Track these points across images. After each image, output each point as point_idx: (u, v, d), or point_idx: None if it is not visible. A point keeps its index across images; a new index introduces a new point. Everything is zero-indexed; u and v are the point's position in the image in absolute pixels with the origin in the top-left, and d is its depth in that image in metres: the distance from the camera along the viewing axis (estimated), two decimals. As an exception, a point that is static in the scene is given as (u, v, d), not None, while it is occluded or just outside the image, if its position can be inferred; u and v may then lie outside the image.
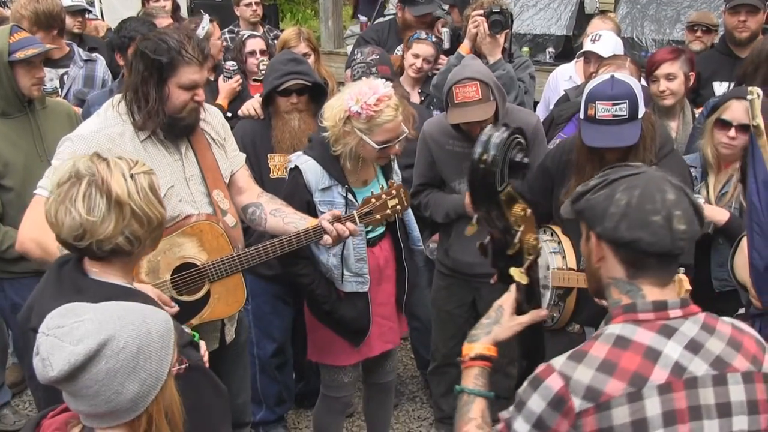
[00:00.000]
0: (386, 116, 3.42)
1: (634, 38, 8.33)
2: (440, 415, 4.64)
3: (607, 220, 1.94)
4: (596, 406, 1.83)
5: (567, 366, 1.89)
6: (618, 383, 1.84)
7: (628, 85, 3.29)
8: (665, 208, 1.91)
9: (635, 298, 1.96)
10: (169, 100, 3.11)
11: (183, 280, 3.17)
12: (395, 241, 3.81)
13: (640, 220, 1.91)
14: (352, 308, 3.71)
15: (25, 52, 3.81)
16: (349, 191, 3.61)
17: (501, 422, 1.99)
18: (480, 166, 2.07)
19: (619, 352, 1.87)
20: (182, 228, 3.15)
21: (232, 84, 5.09)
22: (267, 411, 4.58)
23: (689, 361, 1.88)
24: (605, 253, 2.00)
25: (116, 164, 2.31)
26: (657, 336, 1.89)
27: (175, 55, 3.04)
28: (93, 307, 1.85)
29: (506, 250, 2.18)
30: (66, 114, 4.14)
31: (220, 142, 3.41)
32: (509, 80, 4.64)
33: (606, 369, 1.86)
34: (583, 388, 1.84)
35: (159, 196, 2.39)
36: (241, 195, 3.48)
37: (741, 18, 5.07)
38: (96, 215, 2.24)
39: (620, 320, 1.94)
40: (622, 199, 1.94)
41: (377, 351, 3.85)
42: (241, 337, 3.67)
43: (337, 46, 9.92)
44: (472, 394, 2.14)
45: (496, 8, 4.76)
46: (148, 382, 1.82)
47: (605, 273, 2.03)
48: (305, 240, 3.33)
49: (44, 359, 1.76)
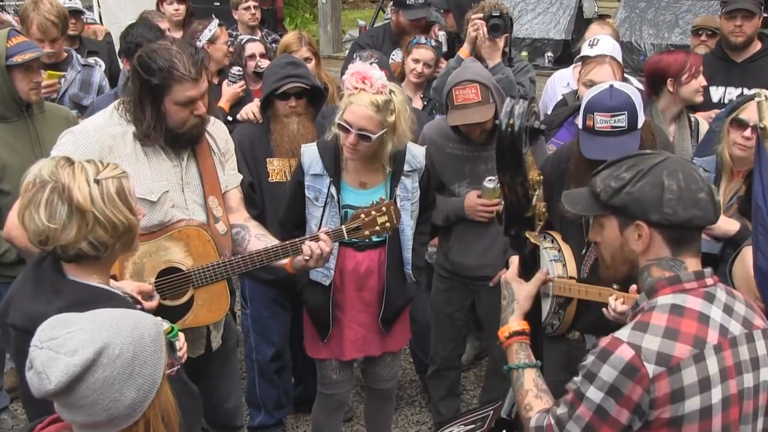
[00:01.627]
0: (359, 99, 3.40)
1: (633, 42, 8.35)
2: (439, 419, 4.62)
3: (666, 206, 2.08)
4: (668, 370, 1.96)
5: (634, 336, 2.01)
6: (684, 347, 1.98)
7: (627, 95, 3.26)
8: (705, 185, 2.11)
9: (678, 270, 2.12)
10: (168, 117, 3.10)
11: (167, 284, 3.16)
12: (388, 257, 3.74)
13: (692, 199, 2.08)
14: (314, 297, 3.73)
15: (22, 56, 3.80)
16: (334, 185, 3.59)
17: (569, 393, 2.10)
18: (508, 132, 2.26)
19: (678, 319, 2.03)
20: (170, 232, 3.15)
21: (236, 89, 5.10)
22: (266, 415, 4.58)
23: (728, 323, 2.07)
24: (653, 238, 2.13)
25: (82, 169, 2.29)
26: (704, 302, 2.07)
27: (166, 74, 3.01)
28: (83, 316, 1.84)
29: (524, 213, 2.40)
30: (64, 118, 4.14)
31: (220, 157, 3.41)
32: (508, 84, 4.64)
33: (671, 335, 2.00)
34: (654, 355, 1.97)
35: (128, 202, 2.36)
36: (230, 214, 3.45)
37: (737, 23, 5.08)
38: (57, 222, 2.25)
39: (668, 291, 2.09)
40: (673, 184, 2.09)
41: (348, 356, 3.82)
42: (229, 342, 3.66)
43: (336, 51, 9.96)
44: (519, 368, 2.32)
45: (495, 12, 4.75)
46: (144, 387, 1.81)
47: (647, 257, 2.16)
48: (291, 251, 3.33)
49: (40, 373, 1.74)
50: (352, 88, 3.43)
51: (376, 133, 3.41)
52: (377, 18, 9.92)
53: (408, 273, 3.79)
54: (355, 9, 18.71)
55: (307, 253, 3.29)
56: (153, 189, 3.12)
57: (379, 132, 3.41)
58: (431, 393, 4.71)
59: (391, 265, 3.71)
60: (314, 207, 3.65)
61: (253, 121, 4.24)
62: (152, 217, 3.12)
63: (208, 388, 3.59)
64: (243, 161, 3.97)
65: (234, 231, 3.44)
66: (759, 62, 5.11)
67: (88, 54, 5.92)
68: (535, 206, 2.41)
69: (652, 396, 1.96)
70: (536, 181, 2.39)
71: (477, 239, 4.08)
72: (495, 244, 3.96)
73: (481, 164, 3.99)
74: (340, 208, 3.61)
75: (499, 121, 2.29)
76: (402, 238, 3.69)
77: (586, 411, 2.03)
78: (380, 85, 3.41)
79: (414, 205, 3.71)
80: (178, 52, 3.05)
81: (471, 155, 4.03)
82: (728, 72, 5.09)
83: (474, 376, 5.38)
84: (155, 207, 3.12)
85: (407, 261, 3.76)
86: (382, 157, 3.56)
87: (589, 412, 2.03)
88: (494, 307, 3.98)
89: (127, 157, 3.09)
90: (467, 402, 5.03)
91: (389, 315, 3.79)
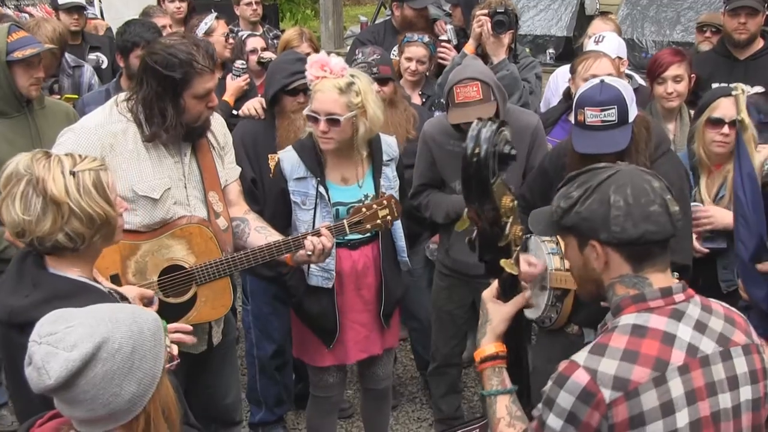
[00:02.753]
0: (322, 86, 3.44)
1: (635, 39, 8.33)
2: (440, 416, 4.62)
3: (613, 224, 2.00)
4: (626, 395, 1.89)
5: (590, 360, 1.94)
6: (643, 370, 1.90)
7: (617, 89, 3.27)
8: (658, 196, 2.02)
9: (642, 288, 2.03)
10: (186, 112, 3.09)
11: (170, 281, 3.16)
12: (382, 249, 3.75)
13: (642, 214, 1.99)
14: (317, 303, 3.69)
15: (23, 51, 3.79)
16: (321, 184, 3.58)
17: (534, 420, 2.04)
18: (473, 160, 2.12)
19: (639, 341, 1.94)
20: (172, 230, 3.14)
21: (240, 82, 5.09)
22: (266, 412, 4.58)
23: (699, 341, 1.97)
24: (609, 256, 2.05)
25: (58, 162, 2.29)
26: (669, 320, 1.98)
27: (188, 68, 3.01)
28: (82, 311, 1.84)
29: (497, 242, 2.23)
30: (65, 114, 4.12)
31: (219, 151, 3.41)
32: (513, 81, 4.62)
33: (629, 358, 1.91)
34: (610, 380, 1.90)
35: (105, 194, 2.35)
36: (229, 208, 3.45)
37: (741, 20, 5.06)
38: (31, 215, 2.26)
39: (632, 310, 2.01)
40: (619, 200, 2.01)
41: (352, 359, 3.82)
42: (228, 337, 3.66)
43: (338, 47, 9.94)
44: (492, 395, 2.21)
45: (500, 8, 4.72)
46: (144, 381, 1.82)
47: (609, 275, 2.08)
48: (294, 247, 3.32)
49: (39, 368, 1.74)
50: (314, 78, 3.48)
51: (343, 115, 3.43)
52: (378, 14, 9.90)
53: (404, 260, 3.81)
54: (356, 5, 18.69)
55: (309, 248, 3.29)
56: (155, 186, 3.11)
57: (346, 114, 3.43)
58: (432, 390, 4.70)
59: (386, 257, 3.72)
60: (302, 211, 3.63)
61: (255, 117, 4.23)
62: (155, 214, 3.11)
63: (208, 383, 3.60)
64: (245, 157, 3.98)
65: (234, 224, 3.44)
66: (761, 60, 5.10)
67: (91, 49, 5.91)
68: (509, 234, 2.22)
69: (611, 422, 1.89)
70: (509, 208, 2.19)
71: (469, 233, 4.07)
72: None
73: (481, 162, 3.97)
74: (332, 208, 3.61)
75: (464, 146, 2.14)
76: (392, 228, 3.69)
77: None
78: (339, 69, 3.45)
79: (396, 193, 3.73)
80: (194, 45, 3.06)
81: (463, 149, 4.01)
82: (730, 69, 5.07)
83: (475, 373, 5.37)
84: (158, 204, 3.11)
85: (401, 249, 3.79)
86: (358, 144, 3.56)
87: None
88: (495, 304, 4.01)
89: (129, 155, 3.08)
90: (468, 399, 5.03)
91: (390, 309, 3.79)
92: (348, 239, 3.59)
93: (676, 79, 4.28)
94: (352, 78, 3.47)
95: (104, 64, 6.13)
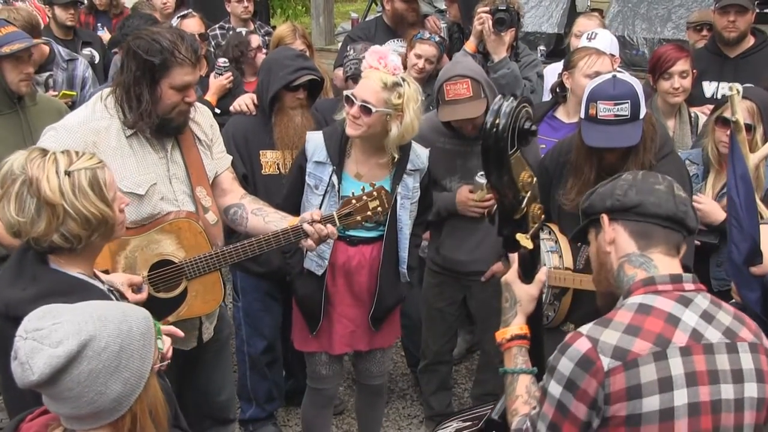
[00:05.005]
0: (370, 75, 3.43)
1: (626, 37, 8.34)
2: (430, 413, 4.63)
3: (618, 190, 2.15)
4: (624, 365, 1.93)
5: (594, 330, 2.00)
6: (644, 343, 1.95)
7: (630, 85, 3.28)
8: (666, 180, 2.17)
9: (651, 270, 2.10)
10: (160, 101, 3.08)
11: (160, 277, 3.15)
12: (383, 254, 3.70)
13: (646, 187, 2.13)
14: (306, 287, 3.69)
15: (11, 46, 3.76)
16: (336, 174, 3.56)
17: (539, 390, 2.11)
18: (492, 132, 2.23)
19: (643, 317, 1.99)
20: (160, 225, 3.13)
21: (223, 81, 5.07)
22: (257, 408, 4.57)
23: (705, 329, 2.01)
24: (616, 232, 2.15)
25: (53, 161, 2.26)
26: (676, 304, 2.02)
27: (168, 56, 3.00)
28: (71, 307, 1.83)
29: (513, 215, 2.34)
30: (57, 110, 4.10)
31: (206, 142, 3.39)
32: (514, 79, 4.61)
33: (632, 331, 1.97)
34: (610, 348, 1.94)
35: (102, 193, 2.32)
36: (224, 197, 3.45)
37: (730, 18, 5.07)
38: (26, 216, 2.24)
39: (641, 292, 2.07)
40: (628, 177, 2.19)
41: (337, 350, 3.81)
42: (222, 334, 3.65)
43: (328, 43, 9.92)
44: (514, 374, 2.28)
45: (502, 6, 4.69)
46: (131, 381, 1.81)
47: (617, 255, 2.16)
48: (284, 240, 3.29)
49: (23, 363, 1.74)
50: (368, 66, 3.46)
51: (378, 108, 3.39)
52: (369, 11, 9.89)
53: (403, 272, 3.76)
54: (347, 1, 18.66)
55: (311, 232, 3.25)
56: (140, 182, 3.10)
57: (381, 108, 3.40)
58: (422, 387, 4.71)
59: (386, 263, 3.68)
60: (313, 195, 3.61)
61: (247, 113, 4.22)
62: (141, 210, 3.10)
63: (201, 380, 3.59)
64: (237, 153, 3.96)
65: (231, 211, 3.44)
66: (751, 57, 5.11)
67: (83, 45, 5.89)
68: (526, 208, 2.34)
69: (607, 390, 1.93)
70: (527, 182, 2.32)
71: (469, 234, 4.08)
72: (487, 239, 3.95)
73: (472, 159, 3.97)
74: (339, 198, 3.57)
75: (485, 120, 2.26)
76: (399, 236, 3.67)
77: (549, 407, 2.02)
78: (393, 67, 3.43)
79: (413, 204, 3.69)
80: (178, 36, 3.07)
81: (462, 150, 4.02)
82: (721, 67, 5.09)
83: (465, 370, 5.39)
84: (143, 200, 3.10)
85: (403, 260, 3.73)
86: (385, 144, 3.52)
87: (551, 408, 2.01)
88: (486, 301, 4.03)
89: (113, 151, 3.06)
90: (458, 396, 5.04)
91: (380, 314, 3.77)
92: (348, 234, 3.58)
93: (682, 74, 4.29)
94: (401, 80, 3.45)
95: (96, 59, 6.12)
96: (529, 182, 2.33)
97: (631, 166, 3.26)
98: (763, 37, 5.23)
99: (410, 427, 4.81)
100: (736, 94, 3.04)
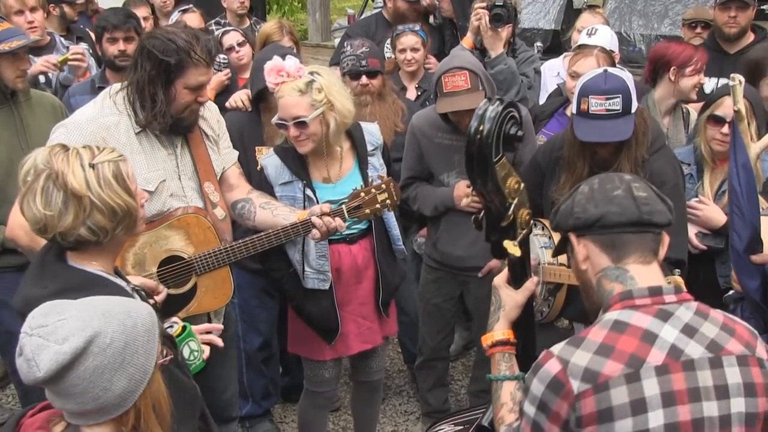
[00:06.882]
0: (283, 91, 3.41)
1: (623, 33, 8.36)
2: (427, 409, 4.63)
3: (576, 207, 2.08)
4: (594, 387, 1.88)
5: (565, 351, 1.95)
6: (615, 365, 1.89)
7: (622, 79, 3.27)
8: (623, 183, 2.08)
9: (627, 283, 2.03)
10: (174, 101, 3.07)
11: (169, 272, 3.14)
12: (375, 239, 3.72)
13: (604, 197, 2.05)
14: (317, 306, 3.66)
15: (9, 44, 3.73)
16: (308, 187, 3.55)
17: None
18: (476, 138, 2.17)
19: (617, 336, 1.93)
20: (169, 221, 3.12)
21: (221, 77, 5.05)
22: (253, 405, 4.56)
23: (685, 345, 1.93)
24: (588, 248, 2.09)
25: (76, 155, 2.27)
26: (654, 320, 1.95)
27: (184, 56, 3.00)
28: (75, 303, 1.82)
29: (500, 222, 2.28)
30: (51, 106, 4.07)
31: (213, 138, 3.39)
32: (511, 75, 4.60)
33: (603, 352, 1.91)
34: (580, 371, 1.90)
35: (126, 185, 2.34)
36: (231, 192, 3.45)
37: (731, 14, 5.07)
38: (53, 209, 2.24)
39: (618, 307, 2.00)
40: (585, 188, 2.11)
41: (355, 350, 3.80)
42: (228, 332, 3.63)
43: (325, 39, 9.92)
44: (498, 381, 2.26)
45: (499, 1, 4.67)
46: (135, 377, 1.80)
47: (593, 271, 2.10)
48: (293, 234, 3.30)
49: (29, 360, 1.73)
50: (274, 85, 3.44)
51: (309, 116, 3.38)
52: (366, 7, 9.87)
53: (399, 249, 3.79)
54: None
55: (320, 224, 3.26)
56: (150, 179, 3.09)
57: (312, 113, 3.38)
58: (419, 383, 4.71)
59: (381, 247, 3.70)
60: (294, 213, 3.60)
61: (242, 109, 4.20)
62: (151, 206, 3.08)
63: (207, 377, 3.57)
64: (232, 150, 3.94)
65: (239, 206, 3.44)
66: (751, 54, 5.11)
67: (77, 40, 5.88)
68: (513, 215, 2.28)
69: (578, 414, 1.88)
70: (513, 189, 2.26)
71: (466, 230, 4.06)
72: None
73: (470, 154, 3.95)
74: None
75: (470, 125, 2.19)
76: (385, 217, 3.67)
77: (526, 425, 2.00)
78: (295, 70, 3.41)
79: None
80: (194, 36, 3.06)
81: (460, 145, 3.99)
82: (720, 63, 5.08)
83: (462, 366, 5.38)
84: (153, 197, 3.09)
85: (396, 237, 3.76)
86: (332, 139, 3.52)
87: (528, 427, 1.99)
88: (483, 297, 3.99)
89: (122, 148, 3.04)
90: (455, 392, 5.03)
91: (387, 297, 3.79)
92: (345, 234, 3.57)
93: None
94: (311, 76, 3.42)
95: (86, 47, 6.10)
96: (516, 189, 2.26)
97: (624, 161, 3.27)
98: (763, 34, 5.24)
99: (407, 424, 4.79)
100: (738, 84, 3.04)
